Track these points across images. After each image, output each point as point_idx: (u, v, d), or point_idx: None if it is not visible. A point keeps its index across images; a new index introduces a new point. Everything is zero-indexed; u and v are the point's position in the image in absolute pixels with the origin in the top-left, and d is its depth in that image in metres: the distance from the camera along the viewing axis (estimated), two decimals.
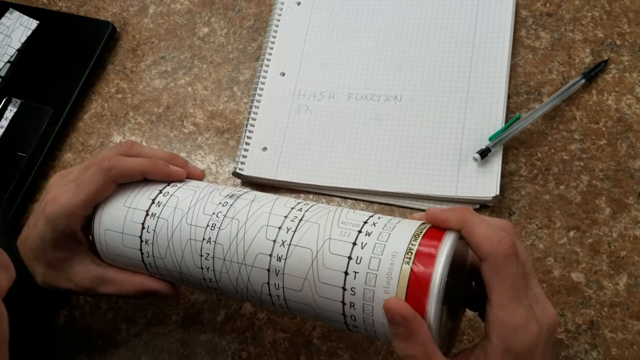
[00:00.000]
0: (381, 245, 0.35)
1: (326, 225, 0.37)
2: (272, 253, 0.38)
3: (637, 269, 0.48)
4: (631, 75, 0.55)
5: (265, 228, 0.38)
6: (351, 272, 0.35)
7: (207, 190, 0.43)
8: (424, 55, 0.59)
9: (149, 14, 0.69)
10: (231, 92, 0.63)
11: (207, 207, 0.41)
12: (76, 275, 0.45)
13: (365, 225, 0.37)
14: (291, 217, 0.38)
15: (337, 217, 0.38)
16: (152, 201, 0.43)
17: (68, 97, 0.64)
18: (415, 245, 0.34)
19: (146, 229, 0.42)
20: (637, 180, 0.51)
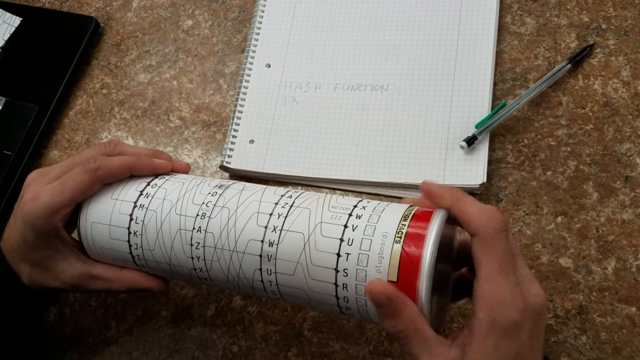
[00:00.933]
0: (372, 227, 0.36)
1: (317, 210, 0.38)
2: (264, 239, 0.38)
3: (625, 253, 0.48)
4: (617, 59, 0.55)
5: (256, 215, 0.39)
6: (343, 253, 0.36)
7: (196, 182, 0.43)
8: (409, 44, 0.59)
9: (132, 8, 0.68)
10: (217, 85, 0.62)
11: (196, 197, 0.41)
12: (62, 273, 0.44)
13: (355, 209, 0.37)
14: (282, 203, 0.39)
15: (327, 202, 0.38)
16: (140, 192, 0.42)
17: (53, 94, 0.63)
18: (405, 226, 0.35)
19: (134, 220, 0.42)
20: (624, 164, 0.51)
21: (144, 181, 0.43)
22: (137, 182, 0.43)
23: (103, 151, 0.45)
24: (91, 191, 0.43)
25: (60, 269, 0.44)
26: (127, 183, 0.44)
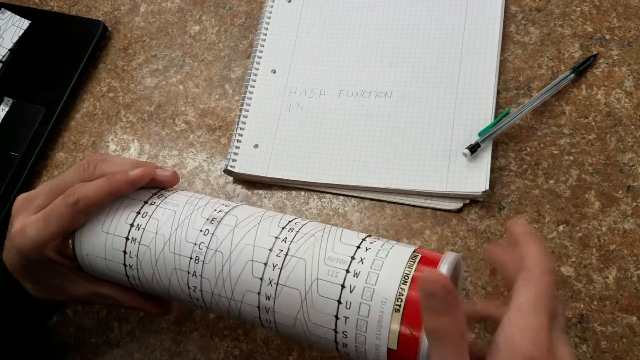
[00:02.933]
0: (370, 290, 0.34)
1: (313, 262, 0.36)
2: (260, 291, 0.37)
3: (626, 262, 0.49)
4: (620, 69, 0.55)
5: (250, 263, 0.37)
6: (341, 316, 0.35)
7: (187, 211, 0.41)
8: (414, 52, 0.59)
9: (140, 13, 0.69)
10: (222, 89, 0.63)
11: (189, 233, 0.39)
12: (69, 291, 0.45)
13: (352, 263, 0.35)
14: (276, 250, 0.37)
15: (323, 250, 0.36)
16: (130, 225, 0.41)
17: (60, 96, 0.64)
18: (404, 291, 0.33)
19: (128, 254, 0.40)
20: (626, 174, 0.51)
21: (133, 210, 0.41)
22: (127, 211, 0.41)
23: (81, 176, 0.43)
24: (76, 224, 0.42)
25: (67, 288, 0.44)
26: (115, 212, 0.41)
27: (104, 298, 0.45)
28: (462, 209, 0.53)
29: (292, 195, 0.57)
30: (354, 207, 0.55)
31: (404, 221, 0.54)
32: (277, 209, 0.56)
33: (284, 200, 0.57)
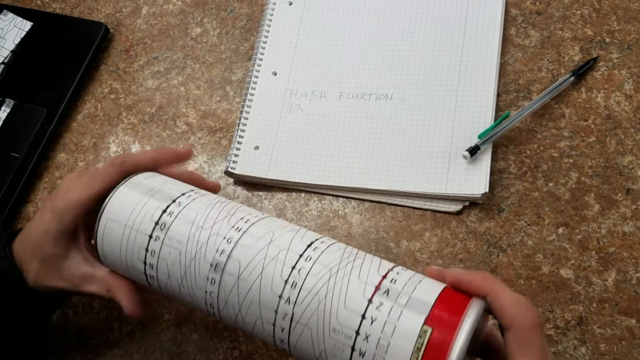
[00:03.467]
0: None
1: (318, 333, 0.35)
2: (275, 337, 0.37)
3: (625, 265, 0.49)
4: (620, 72, 0.55)
5: (260, 320, 0.37)
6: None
7: (190, 252, 0.39)
8: (414, 54, 0.59)
9: (142, 15, 0.69)
10: (223, 91, 0.63)
11: (197, 281, 0.39)
12: (67, 270, 0.45)
13: (358, 340, 0.33)
14: (281, 312, 0.36)
15: (327, 319, 0.34)
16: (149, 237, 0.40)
17: (61, 98, 0.64)
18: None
19: (148, 265, 0.41)
20: (625, 176, 0.51)
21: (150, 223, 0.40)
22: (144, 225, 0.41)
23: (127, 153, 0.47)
24: (119, 180, 0.44)
25: (65, 267, 0.45)
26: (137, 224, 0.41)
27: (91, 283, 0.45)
28: (461, 211, 0.53)
29: (292, 197, 0.57)
30: (354, 209, 0.55)
31: (404, 223, 0.54)
32: (277, 210, 0.56)
33: (284, 202, 0.57)
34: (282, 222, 0.40)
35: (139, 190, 0.42)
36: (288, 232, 0.38)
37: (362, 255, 0.36)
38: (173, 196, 0.41)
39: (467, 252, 0.51)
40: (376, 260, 0.36)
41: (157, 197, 0.41)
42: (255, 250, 0.37)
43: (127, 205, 0.41)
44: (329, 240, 0.38)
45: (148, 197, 0.42)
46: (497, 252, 0.51)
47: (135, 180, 0.43)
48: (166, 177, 0.45)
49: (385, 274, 0.34)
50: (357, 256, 0.36)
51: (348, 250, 0.37)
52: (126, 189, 0.43)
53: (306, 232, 0.39)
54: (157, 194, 0.42)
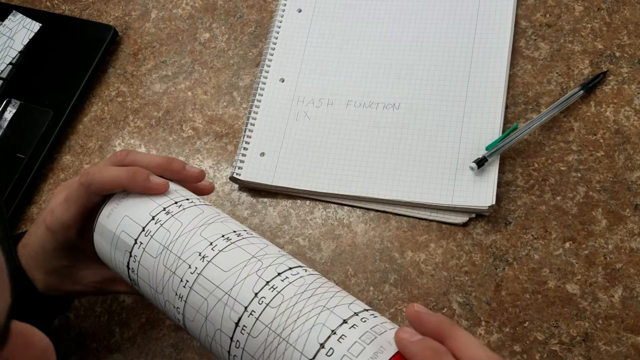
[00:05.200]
0: None
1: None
2: None
3: (632, 281, 0.48)
4: (630, 87, 0.55)
5: (218, 351, 0.36)
6: None
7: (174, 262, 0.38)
8: (422, 64, 0.59)
9: (150, 19, 0.69)
10: (231, 97, 0.63)
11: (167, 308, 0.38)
12: (84, 278, 0.46)
13: None
14: None
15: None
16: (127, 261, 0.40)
17: (68, 100, 0.64)
18: None
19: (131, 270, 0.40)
20: (634, 192, 0.51)
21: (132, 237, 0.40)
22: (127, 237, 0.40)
23: (112, 161, 0.44)
24: (92, 203, 0.42)
25: (81, 276, 0.45)
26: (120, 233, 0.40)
27: (120, 283, 0.46)
28: (467, 223, 0.52)
29: (297, 204, 0.57)
30: (359, 217, 0.55)
31: (409, 233, 0.53)
32: (281, 217, 0.56)
33: (289, 209, 0.56)
34: (223, 271, 0.36)
35: (106, 239, 0.41)
36: (219, 303, 0.35)
37: (289, 333, 0.32)
38: (129, 246, 0.40)
39: (473, 264, 0.51)
40: (300, 341, 0.32)
41: (119, 247, 0.40)
42: (198, 325, 0.36)
43: (105, 258, 0.42)
44: (261, 304, 0.34)
45: (113, 248, 0.41)
46: (503, 265, 0.50)
47: (101, 222, 0.42)
48: (127, 209, 0.41)
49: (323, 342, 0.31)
50: (281, 337, 0.32)
51: (274, 327, 0.33)
52: (97, 235, 0.42)
53: (238, 294, 0.35)
54: (118, 244, 0.40)
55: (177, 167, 0.44)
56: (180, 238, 0.38)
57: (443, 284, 0.51)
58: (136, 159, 0.44)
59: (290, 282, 0.34)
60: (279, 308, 0.33)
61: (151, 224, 0.39)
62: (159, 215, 0.40)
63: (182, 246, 0.38)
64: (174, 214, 0.40)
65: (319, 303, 0.33)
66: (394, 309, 0.50)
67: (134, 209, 0.41)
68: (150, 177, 0.41)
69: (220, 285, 0.35)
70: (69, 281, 0.45)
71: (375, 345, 0.30)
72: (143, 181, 0.41)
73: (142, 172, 0.42)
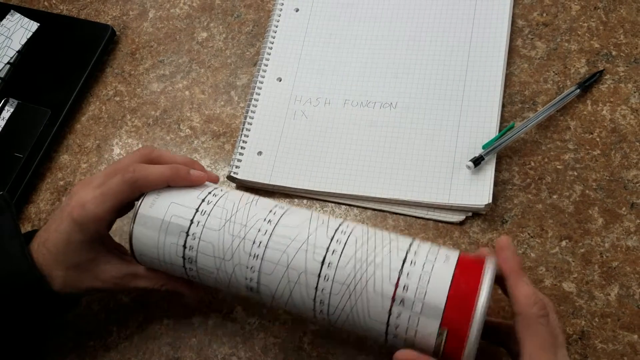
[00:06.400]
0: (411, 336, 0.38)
1: (354, 328, 0.41)
2: (315, 308, 0.41)
3: (628, 279, 0.48)
4: (626, 86, 0.55)
5: (300, 296, 0.41)
6: None
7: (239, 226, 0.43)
8: (419, 64, 0.59)
9: (148, 18, 0.69)
10: (228, 96, 0.63)
11: (236, 273, 0.42)
12: (105, 273, 0.46)
13: (387, 338, 0.39)
14: (319, 318, 0.41)
15: (358, 325, 0.40)
16: (186, 234, 0.43)
17: (66, 99, 0.64)
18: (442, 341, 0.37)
19: (187, 260, 0.44)
20: (630, 190, 0.51)
21: (186, 219, 0.43)
22: (180, 219, 0.44)
23: (140, 157, 0.46)
24: (131, 199, 0.45)
25: (101, 270, 0.46)
26: (170, 218, 0.44)
27: (141, 279, 0.47)
28: (464, 221, 0.53)
29: (294, 203, 0.57)
30: (356, 216, 0.55)
31: (406, 232, 0.53)
32: None
33: None
34: (293, 228, 0.42)
35: (151, 227, 0.44)
36: (301, 250, 0.41)
37: (373, 257, 0.40)
38: (184, 227, 0.43)
39: None
40: (386, 259, 0.39)
41: (171, 231, 0.44)
42: (277, 276, 0.41)
43: (150, 246, 0.44)
44: (339, 243, 0.41)
45: (163, 234, 0.44)
46: None
47: (143, 214, 0.45)
48: (171, 198, 0.45)
49: (397, 281, 0.38)
50: (367, 261, 0.39)
51: (359, 255, 0.40)
52: (139, 227, 0.45)
53: (316, 240, 0.41)
54: (170, 228, 0.44)
55: (198, 167, 0.48)
56: (239, 212, 0.43)
57: None
58: (162, 155, 0.47)
59: (353, 227, 0.42)
60: (356, 244, 0.40)
61: (203, 204, 0.44)
62: (208, 198, 0.44)
63: (244, 216, 0.43)
64: (220, 196, 0.45)
65: (385, 236, 0.41)
66: None
67: (179, 197, 0.45)
68: (190, 171, 0.46)
69: (296, 238, 0.41)
70: (89, 276, 0.46)
71: (441, 254, 0.39)
72: (185, 175, 0.45)
73: (183, 168, 0.46)
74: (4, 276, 0.44)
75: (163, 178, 0.45)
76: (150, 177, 0.44)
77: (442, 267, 0.38)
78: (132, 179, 0.44)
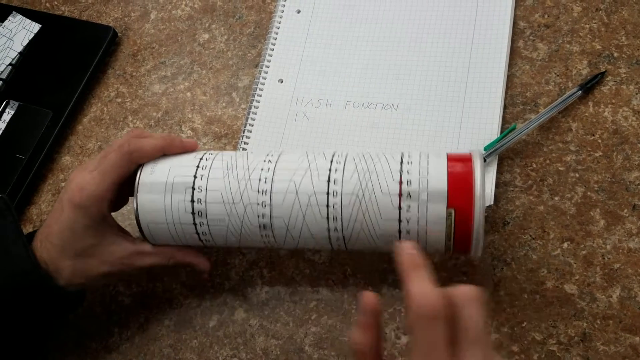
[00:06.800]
0: (423, 231, 0.42)
1: (368, 241, 0.44)
2: (329, 230, 0.44)
3: (630, 281, 0.48)
4: (628, 87, 0.55)
5: (314, 231, 0.44)
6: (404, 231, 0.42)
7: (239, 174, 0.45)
8: (421, 65, 0.59)
9: (150, 20, 0.69)
10: (230, 98, 0.63)
11: (247, 214, 0.44)
12: (111, 254, 0.46)
13: (401, 225, 0.42)
14: (333, 238, 0.44)
15: (372, 231, 0.43)
16: (191, 195, 0.45)
17: (68, 101, 0.64)
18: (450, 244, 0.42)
19: (197, 214, 0.45)
20: (632, 192, 0.51)
21: (189, 175, 0.46)
22: (183, 177, 0.46)
23: (132, 135, 0.47)
24: (129, 172, 0.46)
25: (108, 252, 0.46)
26: (172, 172, 0.46)
27: (147, 256, 0.48)
28: None
29: None
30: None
31: None
32: None
33: None
34: (292, 162, 0.45)
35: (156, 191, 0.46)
36: (306, 175, 0.44)
37: (373, 166, 0.43)
38: (188, 183, 0.45)
39: (471, 265, 0.51)
40: (385, 164, 0.43)
41: (176, 189, 0.45)
42: (289, 205, 0.44)
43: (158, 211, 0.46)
44: (339, 163, 0.44)
45: (168, 194, 0.45)
46: (501, 265, 0.50)
47: (145, 181, 0.46)
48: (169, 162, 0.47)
49: (400, 179, 0.42)
50: (369, 170, 0.43)
51: (360, 167, 0.44)
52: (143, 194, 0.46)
53: (317, 165, 0.44)
54: (174, 187, 0.45)
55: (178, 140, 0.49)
56: (238, 159, 0.46)
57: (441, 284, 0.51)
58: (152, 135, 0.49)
59: (347, 152, 0.45)
60: (355, 161, 0.44)
61: (202, 161, 0.46)
62: (205, 156, 0.47)
63: (245, 162, 0.46)
64: (216, 154, 0.47)
65: (377, 152, 0.45)
66: (392, 309, 0.50)
67: (177, 161, 0.47)
68: (183, 139, 0.48)
69: (299, 167, 0.44)
70: (96, 262, 0.46)
71: (431, 154, 0.44)
72: (179, 142, 0.48)
73: (175, 136, 0.49)
74: (10, 277, 0.44)
75: (158, 147, 0.46)
76: (145, 147, 0.46)
77: (436, 159, 0.43)
78: (128, 151, 0.45)
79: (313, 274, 0.53)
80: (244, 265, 0.55)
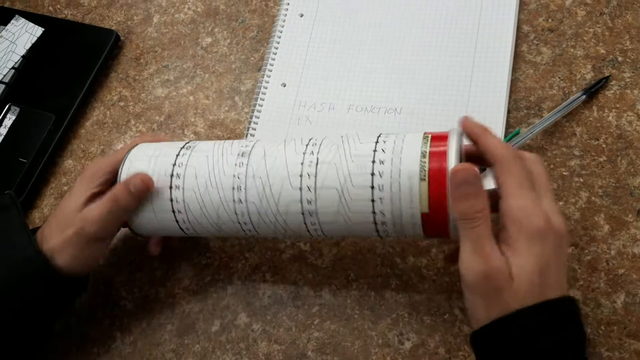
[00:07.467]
0: (396, 170, 0.40)
1: (341, 163, 0.42)
2: (302, 199, 0.43)
3: (635, 287, 0.48)
4: (632, 92, 0.55)
5: (287, 179, 0.43)
6: (377, 198, 0.41)
7: (218, 152, 0.46)
8: (424, 69, 0.59)
9: (153, 23, 0.69)
10: (232, 101, 0.63)
11: (225, 169, 0.45)
12: (91, 211, 0.47)
13: (376, 155, 0.42)
14: (307, 162, 0.43)
15: (347, 152, 0.42)
16: (170, 176, 0.47)
17: (70, 104, 0.64)
18: (425, 163, 0.40)
19: (175, 201, 0.46)
20: (636, 197, 0.51)
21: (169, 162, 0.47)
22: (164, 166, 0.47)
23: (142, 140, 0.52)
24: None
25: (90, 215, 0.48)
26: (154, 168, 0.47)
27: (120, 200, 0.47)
28: None
29: None
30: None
31: (410, 239, 0.53)
32: None
33: None
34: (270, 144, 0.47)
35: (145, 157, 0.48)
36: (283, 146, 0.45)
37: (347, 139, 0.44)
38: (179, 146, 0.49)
39: None
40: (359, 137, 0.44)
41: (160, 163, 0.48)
42: (272, 140, 0.46)
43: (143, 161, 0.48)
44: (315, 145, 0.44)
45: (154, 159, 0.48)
46: None
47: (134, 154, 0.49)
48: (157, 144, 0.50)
49: (374, 148, 0.42)
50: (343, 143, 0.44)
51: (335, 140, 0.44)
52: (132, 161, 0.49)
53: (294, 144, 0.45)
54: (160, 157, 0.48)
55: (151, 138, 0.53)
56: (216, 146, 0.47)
57: (445, 289, 0.51)
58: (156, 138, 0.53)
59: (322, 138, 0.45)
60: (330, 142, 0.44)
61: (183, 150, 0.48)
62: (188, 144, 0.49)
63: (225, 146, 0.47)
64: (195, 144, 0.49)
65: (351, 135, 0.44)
66: (395, 314, 0.50)
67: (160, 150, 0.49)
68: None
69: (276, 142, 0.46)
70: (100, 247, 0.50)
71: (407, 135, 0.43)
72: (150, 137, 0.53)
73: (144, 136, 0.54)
74: (13, 264, 0.46)
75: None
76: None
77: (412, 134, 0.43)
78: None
79: (316, 279, 0.53)
80: (246, 270, 0.54)
